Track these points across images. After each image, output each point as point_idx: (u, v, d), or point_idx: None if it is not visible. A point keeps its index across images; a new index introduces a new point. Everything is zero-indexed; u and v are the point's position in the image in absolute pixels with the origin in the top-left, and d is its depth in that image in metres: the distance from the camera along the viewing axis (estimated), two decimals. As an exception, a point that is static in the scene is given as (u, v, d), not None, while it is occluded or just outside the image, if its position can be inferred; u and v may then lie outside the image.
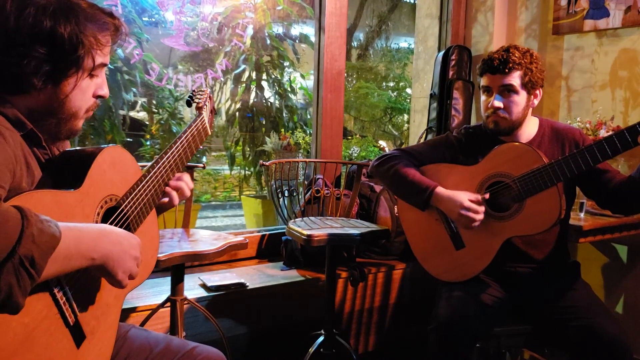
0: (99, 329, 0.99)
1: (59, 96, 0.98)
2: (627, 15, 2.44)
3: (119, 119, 4.54)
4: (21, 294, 0.73)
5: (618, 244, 2.48)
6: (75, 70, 0.98)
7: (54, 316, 0.88)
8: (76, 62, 0.97)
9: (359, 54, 9.09)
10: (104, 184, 1.01)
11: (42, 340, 0.85)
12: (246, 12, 4.30)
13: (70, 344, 0.92)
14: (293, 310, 2.28)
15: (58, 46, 0.94)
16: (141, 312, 1.91)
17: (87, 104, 1.04)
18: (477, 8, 3.01)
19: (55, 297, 0.88)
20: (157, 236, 1.18)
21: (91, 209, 0.97)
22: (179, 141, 1.20)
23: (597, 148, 1.54)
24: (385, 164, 1.87)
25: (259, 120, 5.52)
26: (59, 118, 1.00)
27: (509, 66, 1.70)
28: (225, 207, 7.44)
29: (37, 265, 0.74)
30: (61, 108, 0.99)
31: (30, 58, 0.92)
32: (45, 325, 0.86)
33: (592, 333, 1.54)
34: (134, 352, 1.19)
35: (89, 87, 1.03)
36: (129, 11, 3.66)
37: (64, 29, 0.93)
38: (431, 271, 1.84)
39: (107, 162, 1.02)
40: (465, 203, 1.68)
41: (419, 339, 2.26)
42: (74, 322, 0.92)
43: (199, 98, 1.31)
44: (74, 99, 1.00)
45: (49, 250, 0.76)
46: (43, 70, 0.94)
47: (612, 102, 2.53)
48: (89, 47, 0.97)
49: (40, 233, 0.75)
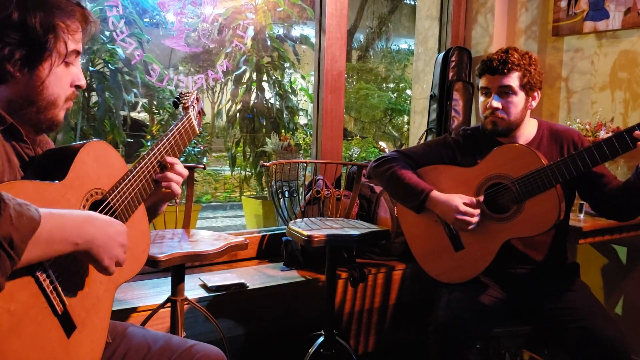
0: (91, 321, 0.99)
1: (36, 83, 1.00)
2: (626, 17, 2.44)
3: (120, 119, 4.55)
4: (1, 275, 0.74)
5: (617, 245, 2.48)
6: (49, 54, 1.00)
7: (41, 305, 0.88)
8: (48, 46, 0.99)
9: (360, 55, 9.09)
10: (88, 177, 1.01)
11: (30, 329, 0.85)
12: (247, 13, 4.31)
13: (60, 333, 0.92)
14: (293, 310, 2.28)
15: (30, 31, 0.96)
16: (142, 312, 1.91)
17: (66, 93, 1.05)
18: (477, 9, 3.02)
19: (42, 286, 0.88)
20: (147, 231, 1.18)
21: (76, 201, 0.97)
22: (165, 138, 1.22)
23: (596, 150, 1.55)
24: (383, 166, 1.88)
25: (260, 121, 5.52)
26: (38, 106, 1.02)
27: (508, 67, 1.70)
28: (226, 208, 7.44)
29: (16, 247, 0.75)
30: (39, 95, 1.01)
31: (3, 44, 0.95)
32: (32, 314, 0.86)
33: (591, 335, 1.54)
34: (133, 349, 1.19)
35: (66, 75, 1.04)
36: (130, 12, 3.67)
37: (33, 14, 0.96)
38: (430, 272, 1.85)
39: (90, 156, 1.02)
40: (460, 207, 1.69)
41: (418, 340, 2.27)
42: (62, 311, 0.92)
43: (185, 99, 1.34)
44: (51, 86, 1.02)
45: (28, 232, 0.77)
46: (17, 56, 0.96)
47: (611, 104, 2.53)
48: (59, 32, 1.00)
49: (18, 215, 0.75)
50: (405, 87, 8.10)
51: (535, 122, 1.83)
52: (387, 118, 7.90)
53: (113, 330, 1.20)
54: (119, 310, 1.88)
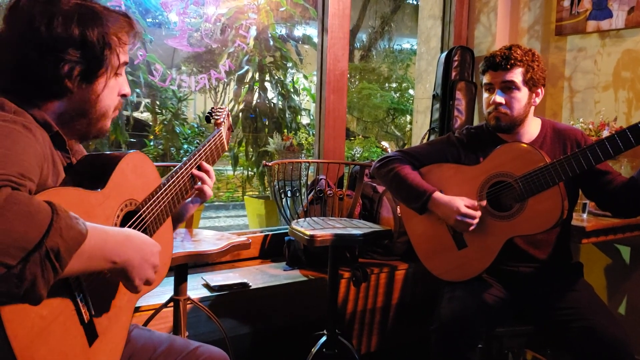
0: (111, 330, 1.00)
1: (91, 97, 1.03)
2: (630, 16, 2.44)
3: (123, 119, 4.56)
4: (44, 285, 0.75)
5: (621, 245, 2.48)
6: (105, 69, 1.02)
7: (70, 312, 0.89)
8: (105, 61, 1.02)
9: (362, 55, 9.09)
10: (125, 187, 1.03)
11: (57, 335, 0.86)
12: (249, 13, 4.31)
13: (83, 341, 0.93)
14: (296, 310, 2.28)
15: (89, 48, 0.99)
16: (144, 311, 1.92)
17: (115, 103, 1.08)
18: (479, 9, 3.02)
19: (73, 293, 0.90)
20: (171, 242, 1.21)
21: (112, 211, 0.98)
22: (197, 154, 1.25)
23: (599, 147, 1.54)
24: (385, 167, 1.88)
25: (262, 121, 5.52)
26: (90, 118, 1.05)
27: (511, 62, 1.71)
28: (229, 208, 7.45)
29: (62, 259, 0.76)
30: (93, 108, 1.04)
31: (65, 62, 0.97)
32: (61, 319, 0.87)
33: (594, 334, 1.54)
34: (138, 351, 1.20)
35: (116, 86, 1.07)
36: (133, 12, 3.68)
37: (92, 32, 0.99)
38: (433, 271, 1.85)
39: (129, 166, 1.04)
40: (462, 209, 1.69)
41: (421, 339, 2.27)
42: (88, 320, 0.93)
43: (217, 115, 1.37)
44: (104, 99, 1.05)
45: (75, 245, 0.78)
46: (76, 72, 0.99)
47: (615, 103, 2.53)
48: (114, 46, 1.03)
49: (68, 228, 0.77)
50: (408, 86, 8.10)
51: (539, 120, 1.83)
52: (390, 118, 7.90)
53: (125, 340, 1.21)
54: (121, 309, 1.88)
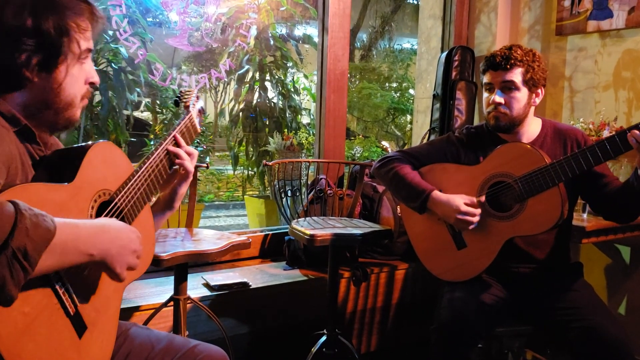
0: (100, 321, 1.00)
1: (53, 85, 1.01)
2: (630, 16, 2.44)
3: (123, 118, 4.56)
4: (14, 285, 0.74)
5: (621, 245, 2.48)
6: (64, 56, 1.01)
7: (54, 306, 0.89)
8: (63, 49, 1.00)
9: (362, 55, 9.09)
10: (96, 178, 1.02)
11: (43, 330, 0.86)
12: (250, 12, 4.31)
13: (72, 333, 0.93)
14: (295, 309, 2.29)
15: (44, 36, 0.97)
16: (144, 311, 1.92)
17: (81, 91, 1.06)
18: (480, 9, 3.01)
19: (54, 287, 0.89)
20: (152, 228, 1.20)
21: (85, 203, 0.97)
22: (168, 137, 1.23)
23: (598, 148, 1.54)
24: (385, 167, 1.88)
25: (262, 120, 5.53)
26: (56, 108, 1.03)
27: (511, 62, 1.71)
28: (229, 207, 7.45)
29: (30, 258, 0.76)
30: (57, 98, 1.02)
31: (20, 51, 0.96)
32: (45, 315, 0.87)
33: (594, 334, 1.53)
34: (136, 349, 1.19)
35: (80, 74, 1.05)
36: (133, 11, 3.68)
37: (46, 19, 0.98)
38: (433, 271, 1.85)
39: (98, 157, 1.03)
40: (461, 207, 1.69)
41: (421, 339, 2.27)
42: (74, 312, 0.93)
43: (186, 98, 1.35)
44: (67, 87, 1.03)
45: (43, 243, 0.78)
46: (34, 61, 0.98)
47: (615, 103, 2.52)
48: (73, 33, 1.01)
49: (34, 226, 0.76)
50: (408, 86, 8.10)
51: (539, 121, 1.83)
52: (390, 117, 7.90)
53: (117, 330, 1.20)
54: (122, 308, 1.86)
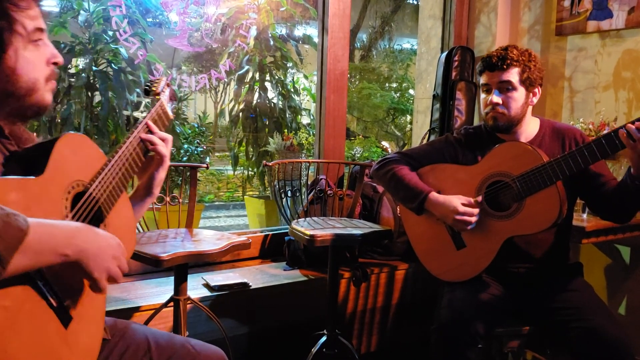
0: (86, 312, 0.99)
1: (6, 72, 0.97)
2: (630, 16, 2.44)
3: (123, 119, 4.55)
4: None
5: (621, 245, 2.48)
6: (9, 40, 0.96)
7: (35, 299, 0.88)
8: (5, 33, 0.95)
9: (362, 55, 9.10)
10: (68, 169, 0.99)
11: (27, 323, 0.85)
12: (250, 13, 4.31)
13: (58, 325, 0.92)
14: (296, 310, 2.29)
15: None
16: (144, 311, 1.92)
17: (44, 73, 1.02)
18: (480, 9, 3.02)
19: (34, 280, 0.88)
20: (132, 219, 1.18)
21: (58, 195, 0.95)
22: (140, 125, 1.21)
23: (595, 145, 1.54)
24: (384, 168, 1.89)
25: (262, 120, 5.53)
26: (17, 95, 0.99)
27: (507, 63, 1.71)
28: (229, 208, 7.46)
29: (2, 258, 0.75)
30: (15, 84, 0.98)
31: None
32: (27, 307, 0.86)
33: (594, 335, 1.53)
34: (133, 347, 1.19)
35: (38, 56, 1.01)
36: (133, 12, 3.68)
37: None
38: (432, 271, 1.85)
39: (68, 148, 1.00)
40: (459, 208, 1.69)
41: (421, 339, 2.27)
42: (57, 304, 0.92)
43: (155, 86, 1.33)
44: (24, 71, 0.99)
45: (14, 243, 0.76)
46: None
47: (615, 103, 2.53)
48: (11, 14, 0.96)
49: (5, 226, 0.75)
50: (408, 86, 8.11)
51: (537, 120, 1.83)
52: (390, 118, 7.91)
53: (113, 327, 1.20)
54: (122, 309, 1.89)
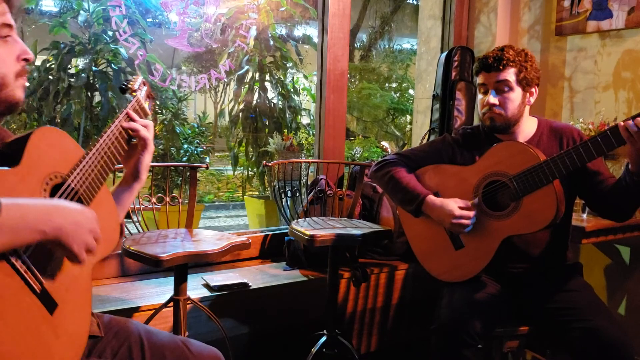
0: (71, 298, 0.99)
1: None
2: (630, 16, 2.44)
3: (123, 119, 4.55)
4: None
5: (621, 246, 2.48)
6: None
7: (17, 285, 0.88)
8: None
9: (362, 55, 9.10)
10: (45, 161, 0.99)
11: (10, 310, 0.85)
12: (249, 13, 4.32)
13: (43, 311, 0.92)
14: (296, 310, 2.29)
15: None
16: (144, 311, 1.92)
17: (13, 69, 1.02)
18: (480, 9, 3.02)
19: (15, 266, 0.88)
20: (114, 209, 1.18)
21: (35, 186, 0.96)
22: (116, 120, 1.21)
23: (591, 143, 1.53)
24: (382, 170, 1.89)
25: (262, 121, 5.53)
26: None
27: (503, 63, 1.71)
28: (229, 208, 7.46)
29: None
30: None
31: None
32: (9, 294, 0.86)
33: (594, 335, 1.53)
34: (127, 344, 1.19)
35: (6, 52, 1.01)
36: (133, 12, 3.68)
37: None
38: (431, 271, 1.85)
39: (43, 141, 1.00)
40: (455, 211, 1.69)
41: (421, 339, 2.27)
42: (40, 290, 0.92)
43: (131, 83, 1.33)
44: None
45: None
46: None
47: (615, 104, 2.53)
48: None
49: None
50: (408, 86, 8.11)
51: (535, 120, 1.83)
52: (390, 118, 7.91)
53: (108, 325, 1.21)
54: (122, 309, 1.89)
